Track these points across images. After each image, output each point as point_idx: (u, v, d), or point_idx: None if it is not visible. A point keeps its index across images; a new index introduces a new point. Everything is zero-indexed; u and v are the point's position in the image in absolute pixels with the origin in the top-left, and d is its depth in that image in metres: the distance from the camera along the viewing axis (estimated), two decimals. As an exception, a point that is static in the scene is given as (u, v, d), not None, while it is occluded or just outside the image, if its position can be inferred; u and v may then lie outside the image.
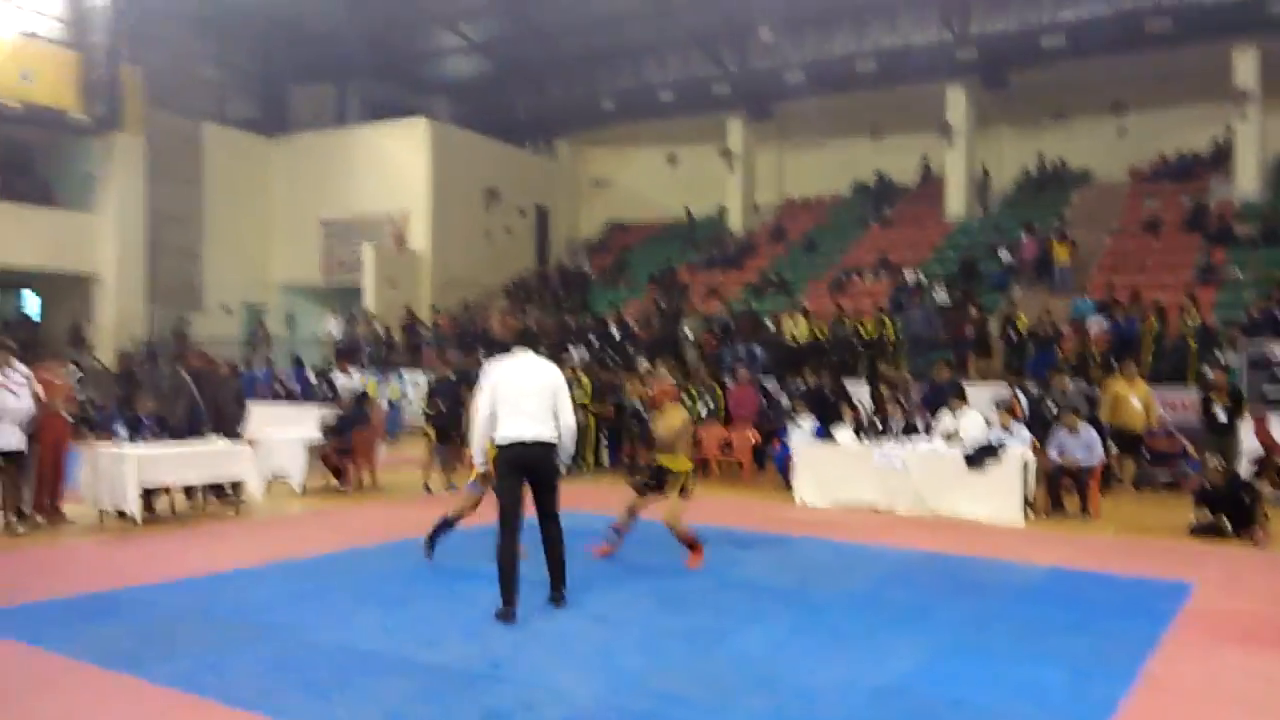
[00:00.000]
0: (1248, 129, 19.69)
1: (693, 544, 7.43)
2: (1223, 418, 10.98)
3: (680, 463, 7.42)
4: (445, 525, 7.30)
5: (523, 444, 5.90)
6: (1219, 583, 7.22)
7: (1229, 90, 19.58)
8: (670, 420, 7.51)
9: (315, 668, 4.95)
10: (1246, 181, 19.71)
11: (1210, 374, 11.70)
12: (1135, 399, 11.59)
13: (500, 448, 5.98)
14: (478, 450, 6.19)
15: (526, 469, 5.96)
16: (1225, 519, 8.85)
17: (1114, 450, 11.54)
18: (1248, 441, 10.92)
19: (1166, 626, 5.93)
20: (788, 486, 11.09)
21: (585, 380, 13.33)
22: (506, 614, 5.76)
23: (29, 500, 8.75)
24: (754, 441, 12.79)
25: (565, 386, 6.15)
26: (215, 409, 10.50)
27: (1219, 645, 5.60)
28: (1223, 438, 10.86)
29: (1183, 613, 6.28)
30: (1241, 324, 13.84)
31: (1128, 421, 11.60)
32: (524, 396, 5.93)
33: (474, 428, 6.18)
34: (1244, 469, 9.69)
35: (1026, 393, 11.76)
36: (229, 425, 10.41)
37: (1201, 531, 8.88)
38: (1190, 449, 11.77)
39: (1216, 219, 18.77)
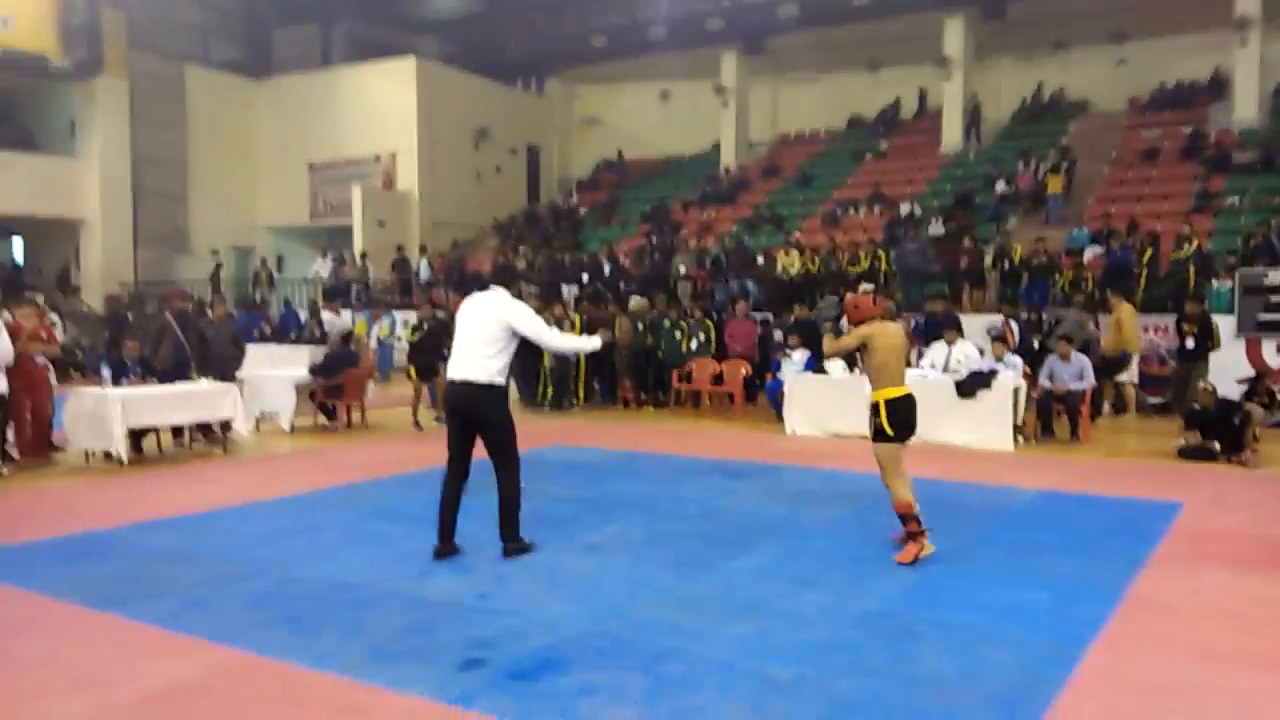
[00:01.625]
0: (1248, 55, 19.34)
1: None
2: (1190, 345, 11.46)
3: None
4: None
5: (453, 384, 5.70)
6: (1207, 503, 7.23)
7: (1230, 18, 19.18)
8: (893, 340, 5.81)
9: (301, 603, 4.93)
10: (1246, 109, 19.42)
11: (1186, 305, 11.85)
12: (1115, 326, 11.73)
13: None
14: None
15: (459, 411, 5.70)
16: (1215, 441, 8.84)
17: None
18: (1234, 365, 11.22)
19: (1154, 546, 5.94)
20: (779, 419, 11.07)
21: (575, 317, 13.27)
22: (437, 551, 5.72)
23: (13, 443, 8.69)
24: (746, 373, 12.75)
25: (521, 314, 5.66)
26: (207, 351, 10.38)
27: (1205, 564, 5.61)
28: (1189, 364, 11.39)
29: (1170, 533, 6.29)
30: (1237, 251, 13.74)
31: (1107, 348, 11.77)
32: (469, 336, 5.67)
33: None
34: (1233, 390, 9.70)
35: (1019, 321, 11.76)
36: (224, 367, 10.31)
37: (1191, 454, 8.89)
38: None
39: (1214, 146, 18.52)
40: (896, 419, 5.68)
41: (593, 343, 6.00)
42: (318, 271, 22.23)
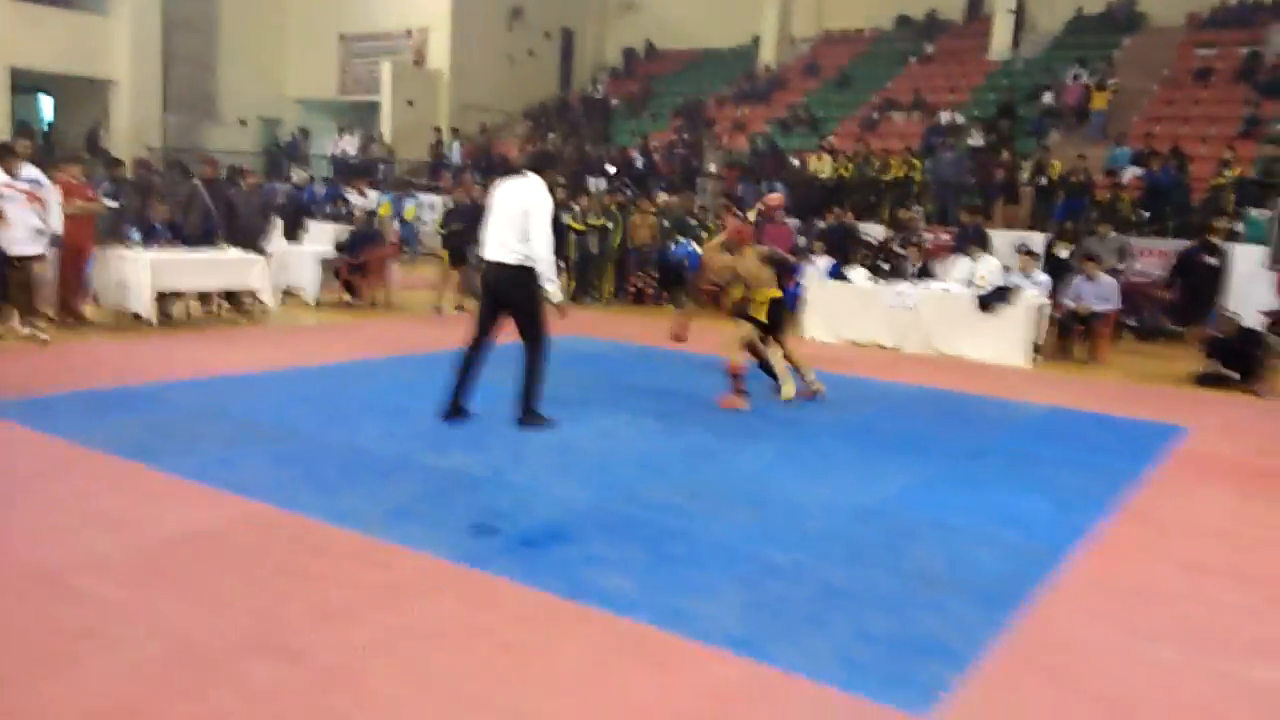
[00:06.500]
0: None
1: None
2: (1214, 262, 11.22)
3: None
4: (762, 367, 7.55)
5: (487, 264, 6.05)
6: (1216, 428, 7.28)
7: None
8: (749, 263, 7.17)
9: (322, 465, 5.10)
10: (1310, 31, 18.63)
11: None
12: None
13: None
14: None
15: (491, 290, 6.10)
16: (1232, 370, 8.84)
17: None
18: (1261, 296, 11.01)
19: (1156, 465, 6.03)
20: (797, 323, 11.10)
21: (615, 210, 13.22)
22: (446, 411, 6.09)
23: (51, 301, 8.83)
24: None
25: (541, 209, 5.81)
26: (235, 219, 10.42)
27: (1205, 486, 5.70)
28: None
29: (1175, 454, 6.37)
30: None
31: None
32: (498, 218, 5.94)
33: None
34: (1257, 321, 9.59)
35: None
36: (251, 237, 10.37)
37: (1208, 381, 8.90)
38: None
39: (1270, 70, 17.86)
40: (771, 315, 7.24)
41: (554, 289, 5.99)
42: (343, 149, 22.08)
